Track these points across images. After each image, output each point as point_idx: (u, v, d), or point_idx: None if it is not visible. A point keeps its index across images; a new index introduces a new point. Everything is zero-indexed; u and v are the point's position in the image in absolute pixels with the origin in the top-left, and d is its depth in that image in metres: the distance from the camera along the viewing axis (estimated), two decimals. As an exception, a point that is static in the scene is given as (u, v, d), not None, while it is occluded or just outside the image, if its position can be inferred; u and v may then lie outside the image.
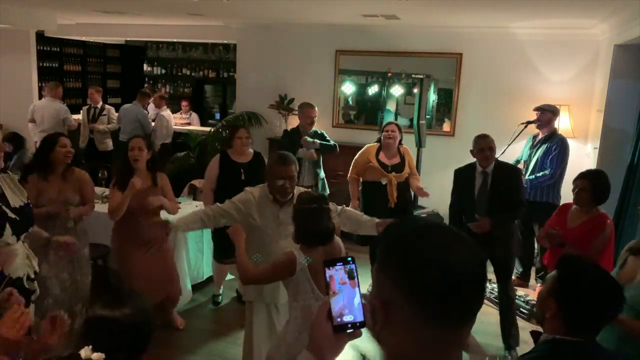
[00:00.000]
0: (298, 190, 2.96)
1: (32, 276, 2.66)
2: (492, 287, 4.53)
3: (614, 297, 1.60)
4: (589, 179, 3.16)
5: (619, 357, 1.71)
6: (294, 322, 2.51)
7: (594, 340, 1.61)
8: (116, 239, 3.68)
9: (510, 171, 3.87)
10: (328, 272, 1.03)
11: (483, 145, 3.75)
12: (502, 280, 3.86)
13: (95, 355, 1.39)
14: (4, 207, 2.50)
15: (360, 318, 1.02)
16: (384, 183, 4.44)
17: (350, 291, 1.02)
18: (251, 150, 4.32)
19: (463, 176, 3.92)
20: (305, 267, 2.44)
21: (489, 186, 3.76)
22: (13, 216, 2.52)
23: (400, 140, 4.58)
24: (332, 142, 4.98)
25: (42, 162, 3.33)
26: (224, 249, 4.20)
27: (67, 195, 3.37)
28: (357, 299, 1.03)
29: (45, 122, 6.79)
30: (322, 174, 5.06)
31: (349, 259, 1.06)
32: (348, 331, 1.01)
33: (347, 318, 1.01)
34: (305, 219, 2.48)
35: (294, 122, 6.79)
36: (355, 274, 1.04)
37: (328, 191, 5.13)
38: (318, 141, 4.84)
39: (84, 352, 1.39)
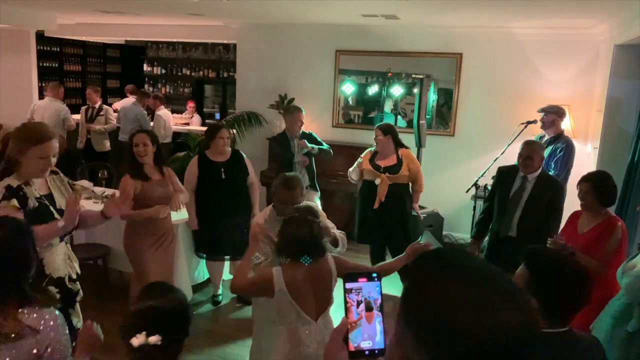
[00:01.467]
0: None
1: (74, 277, 2.74)
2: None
3: (584, 281, 1.62)
4: (591, 182, 3.08)
5: (595, 342, 1.71)
6: (282, 348, 2.38)
7: (570, 328, 1.62)
8: (130, 234, 3.65)
9: (552, 185, 3.73)
10: (349, 291, 0.96)
11: (521, 152, 3.68)
12: None
13: (152, 338, 1.50)
14: (51, 208, 2.57)
15: (380, 345, 0.95)
16: (376, 183, 4.46)
17: (372, 319, 0.97)
18: (229, 149, 4.34)
19: (505, 175, 3.83)
20: (285, 290, 2.29)
21: (526, 194, 3.65)
22: (58, 217, 2.57)
23: (399, 142, 4.58)
24: (325, 145, 5.08)
25: None
26: (205, 246, 4.31)
27: None
28: (379, 326, 0.97)
29: (46, 122, 6.78)
30: (315, 177, 5.17)
31: (375, 275, 0.99)
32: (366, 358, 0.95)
33: (365, 344, 0.95)
34: (284, 227, 2.36)
35: (294, 122, 6.82)
36: (380, 303, 0.98)
37: (319, 194, 5.20)
38: (316, 147, 4.96)
39: (136, 339, 1.49)
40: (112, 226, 4.29)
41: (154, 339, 1.50)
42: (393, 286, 5.19)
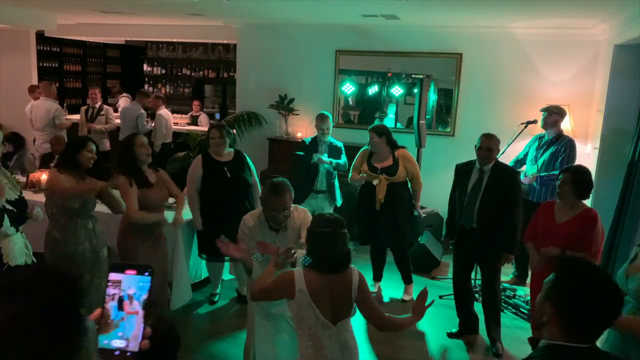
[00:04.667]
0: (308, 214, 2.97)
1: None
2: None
3: (612, 299, 1.55)
4: (570, 172, 3.28)
5: None
6: (306, 352, 2.37)
7: (594, 345, 1.55)
8: (128, 234, 3.65)
9: (507, 172, 3.91)
10: (109, 284, 0.86)
11: (482, 145, 3.85)
12: (487, 270, 3.93)
13: None
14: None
15: (134, 348, 0.87)
16: (374, 184, 4.48)
17: (135, 320, 0.87)
18: (231, 150, 4.31)
19: (462, 172, 4.03)
20: (305, 290, 2.30)
21: (483, 185, 3.83)
22: (10, 208, 2.67)
23: (394, 143, 4.58)
24: (343, 160, 5.03)
25: (70, 161, 3.40)
26: (206, 247, 4.27)
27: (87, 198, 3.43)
28: (140, 329, 0.87)
29: (38, 121, 6.81)
30: (337, 182, 5.15)
31: (149, 270, 0.90)
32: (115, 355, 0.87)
33: (118, 343, 0.87)
34: (315, 242, 2.35)
35: (294, 122, 6.83)
36: (145, 300, 0.88)
37: (340, 200, 5.17)
38: (334, 161, 4.95)
39: None
40: (112, 226, 4.28)
41: None
42: (395, 288, 5.18)
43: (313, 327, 2.35)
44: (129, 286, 0.89)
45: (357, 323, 4.26)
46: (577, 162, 5.13)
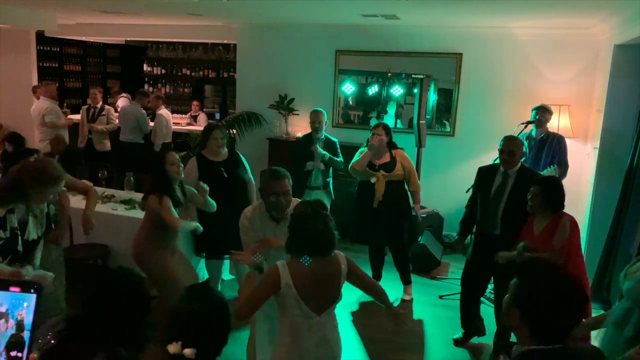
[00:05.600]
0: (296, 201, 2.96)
1: None
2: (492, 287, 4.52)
3: (575, 301, 1.57)
4: (540, 185, 3.27)
5: (596, 354, 1.69)
6: (284, 341, 2.36)
7: (567, 346, 1.57)
8: (150, 243, 3.58)
9: (532, 179, 3.64)
10: None
11: (503, 147, 3.72)
12: (504, 280, 3.78)
13: (187, 350, 1.46)
14: (19, 239, 2.55)
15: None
16: (372, 181, 4.49)
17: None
18: (225, 150, 4.28)
19: (485, 174, 3.88)
20: (291, 284, 2.26)
21: (507, 189, 3.68)
22: (20, 249, 2.56)
23: (392, 143, 4.60)
24: (339, 158, 5.07)
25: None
26: (205, 246, 4.25)
27: None
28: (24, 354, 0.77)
29: (35, 120, 6.85)
30: (331, 180, 5.20)
31: (34, 288, 0.81)
32: None
33: None
34: (297, 224, 2.31)
35: (294, 122, 6.82)
36: (24, 321, 0.79)
37: (333, 197, 5.20)
38: (328, 155, 4.97)
39: (172, 347, 1.47)
40: (112, 226, 4.29)
41: (189, 353, 1.48)
42: (395, 288, 5.18)
43: (296, 317, 2.32)
44: (1, 303, 0.79)
45: (356, 323, 4.26)
46: (576, 162, 5.18)
